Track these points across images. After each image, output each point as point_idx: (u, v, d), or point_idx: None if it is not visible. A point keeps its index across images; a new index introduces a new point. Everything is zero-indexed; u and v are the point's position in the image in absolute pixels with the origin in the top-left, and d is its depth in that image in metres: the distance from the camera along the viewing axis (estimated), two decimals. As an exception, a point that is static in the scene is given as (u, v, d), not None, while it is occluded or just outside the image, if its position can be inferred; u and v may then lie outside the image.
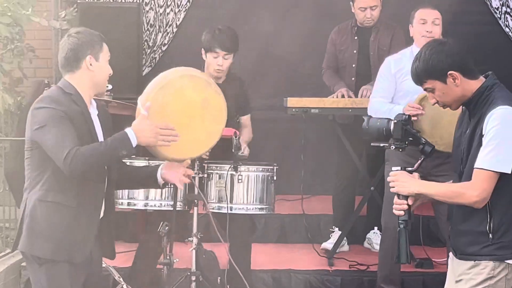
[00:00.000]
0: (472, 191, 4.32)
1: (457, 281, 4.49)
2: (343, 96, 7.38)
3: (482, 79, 4.47)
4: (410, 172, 4.47)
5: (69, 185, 4.45)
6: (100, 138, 4.63)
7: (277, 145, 8.04)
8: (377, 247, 7.60)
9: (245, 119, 6.87)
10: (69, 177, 4.38)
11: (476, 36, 8.59)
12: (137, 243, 6.88)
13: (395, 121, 4.57)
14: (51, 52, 8.38)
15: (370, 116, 4.78)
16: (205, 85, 4.93)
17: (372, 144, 4.65)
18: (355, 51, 7.60)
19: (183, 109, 4.80)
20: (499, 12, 8.79)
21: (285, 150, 7.98)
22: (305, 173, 7.67)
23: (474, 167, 4.32)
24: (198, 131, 4.94)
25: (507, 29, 8.81)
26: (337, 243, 7.40)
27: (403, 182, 4.43)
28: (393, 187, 4.45)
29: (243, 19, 8.86)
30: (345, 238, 7.55)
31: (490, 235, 4.37)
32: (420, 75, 4.46)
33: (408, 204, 4.44)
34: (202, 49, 6.84)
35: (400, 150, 4.61)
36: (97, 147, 4.44)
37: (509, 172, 4.29)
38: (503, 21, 8.79)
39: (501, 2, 8.86)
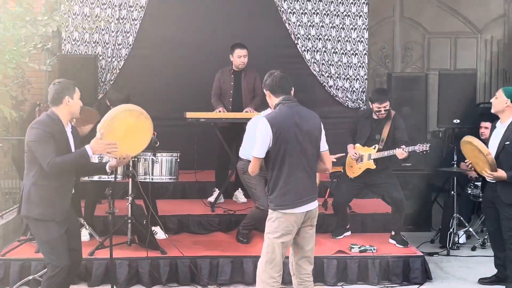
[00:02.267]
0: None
1: None
2: (220, 112, 7.47)
3: (280, 98, 4.43)
4: None
5: (51, 175, 4.51)
6: (72, 145, 4.68)
7: (181, 141, 7.98)
8: (241, 200, 7.68)
9: None
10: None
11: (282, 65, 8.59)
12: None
13: None
14: (42, 85, 8.30)
15: None
16: (139, 114, 5.00)
17: None
18: (232, 83, 7.61)
19: (126, 130, 4.88)
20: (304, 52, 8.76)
21: (185, 143, 7.94)
22: (198, 156, 7.74)
23: None
24: (136, 141, 5.01)
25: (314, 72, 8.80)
26: (217, 198, 7.43)
27: None
28: None
29: (171, 61, 8.65)
30: (221, 195, 7.55)
31: (267, 193, 4.47)
32: None
33: None
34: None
35: None
36: (67, 158, 4.51)
37: (261, 157, 4.36)
38: (310, 65, 8.76)
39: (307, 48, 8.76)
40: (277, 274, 4.46)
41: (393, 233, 6.66)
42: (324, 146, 4.57)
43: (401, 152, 6.32)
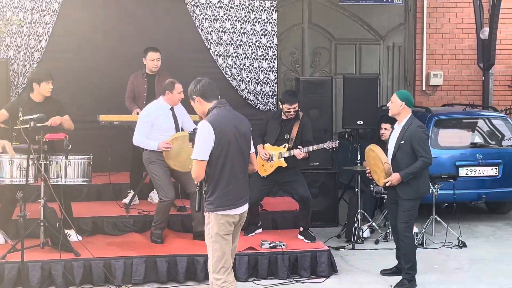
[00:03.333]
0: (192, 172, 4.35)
1: None
2: (137, 113, 7.34)
3: (214, 102, 4.40)
4: None
5: None
6: None
7: (94, 144, 7.89)
8: (156, 200, 7.49)
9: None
10: None
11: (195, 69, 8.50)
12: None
13: None
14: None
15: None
16: None
17: None
18: (145, 87, 7.55)
19: None
20: (222, 66, 8.83)
21: (99, 146, 7.85)
22: (112, 158, 7.65)
23: None
24: None
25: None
26: (132, 199, 7.37)
27: None
28: None
29: (84, 64, 8.49)
30: (136, 196, 7.51)
31: (205, 195, 4.38)
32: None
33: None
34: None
35: None
36: None
37: (205, 159, 4.25)
38: (223, 69, 8.89)
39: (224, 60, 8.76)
40: (227, 273, 4.38)
41: (301, 229, 6.81)
42: (252, 148, 4.57)
43: (298, 153, 6.51)
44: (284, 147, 6.70)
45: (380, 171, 5.90)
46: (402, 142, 5.83)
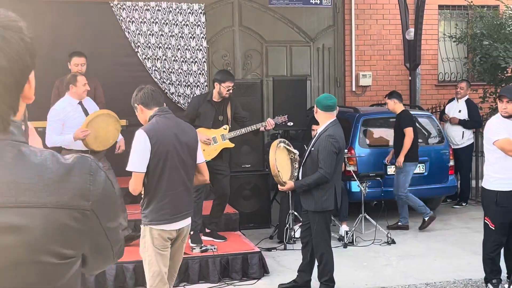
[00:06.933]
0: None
1: None
2: None
3: (155, 109, 4.23)
4: None
5: None
6: None
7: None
8: None
9: None
10: None
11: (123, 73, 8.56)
12: None
13: None
14: None
15: None
16: None
17: None
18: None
19: None
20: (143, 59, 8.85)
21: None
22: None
23: None
24: None
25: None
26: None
27: None
28: None
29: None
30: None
31: (141, 207, 4.23)
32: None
33: None
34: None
35: None
36: None
37: (143, 171, 4.06)
38: (152, 72, 8.91)
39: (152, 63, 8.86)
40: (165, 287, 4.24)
41: (208, 230, 6.98)
42: (200, 158, 4.37)
43: (272, 124, 6.81)
44: (225, 129, 6.73)
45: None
46: (312, 149, 5.56)
